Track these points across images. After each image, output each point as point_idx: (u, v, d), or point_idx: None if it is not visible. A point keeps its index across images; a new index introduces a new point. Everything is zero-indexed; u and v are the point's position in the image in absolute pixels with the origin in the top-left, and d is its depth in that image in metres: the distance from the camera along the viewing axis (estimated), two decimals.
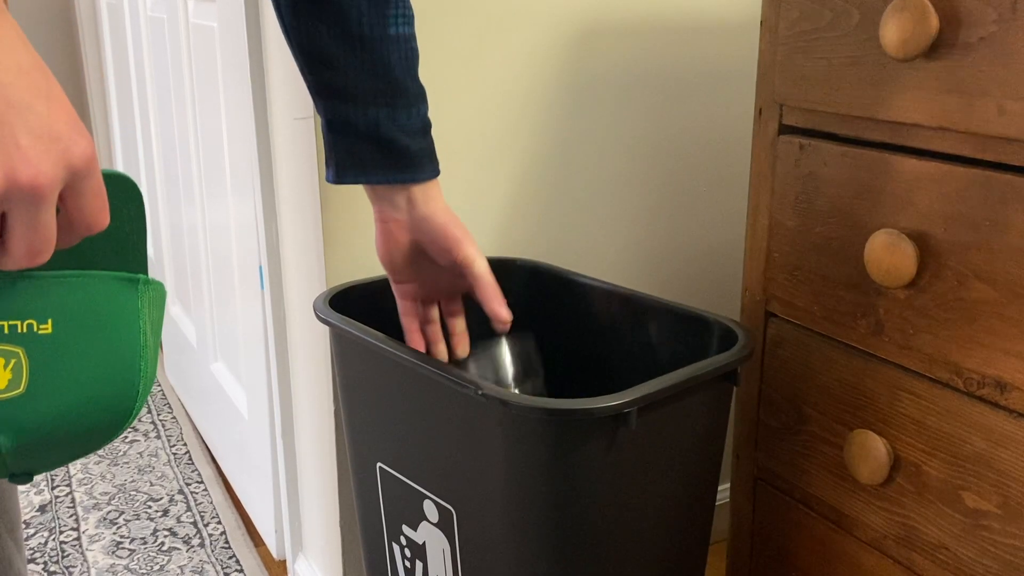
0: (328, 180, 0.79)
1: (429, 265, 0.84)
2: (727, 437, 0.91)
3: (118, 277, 0.49)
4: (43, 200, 0.41)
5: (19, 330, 0.46)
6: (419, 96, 0.77)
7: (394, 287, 0.87)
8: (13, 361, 0.46)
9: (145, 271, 0.51)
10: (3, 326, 0.46)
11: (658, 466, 0.82)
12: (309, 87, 0.76)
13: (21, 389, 0.47)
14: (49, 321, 0.47)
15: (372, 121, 0.75)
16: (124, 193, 0.50)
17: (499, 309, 0.82)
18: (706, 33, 1.27)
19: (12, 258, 0.43)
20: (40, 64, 0.42)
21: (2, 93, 0.40)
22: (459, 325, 0.90)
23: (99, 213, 0.45)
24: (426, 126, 0.79)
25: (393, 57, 0.74)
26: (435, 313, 0.89)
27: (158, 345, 0.52)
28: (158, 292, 0.51)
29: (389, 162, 0.77)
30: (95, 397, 0.49)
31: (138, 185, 0.48)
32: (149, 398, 2.16)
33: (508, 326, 0.83)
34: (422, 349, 0.88)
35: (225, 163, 1.49)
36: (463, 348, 0.90)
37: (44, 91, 0.42)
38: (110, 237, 0.49)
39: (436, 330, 0.89)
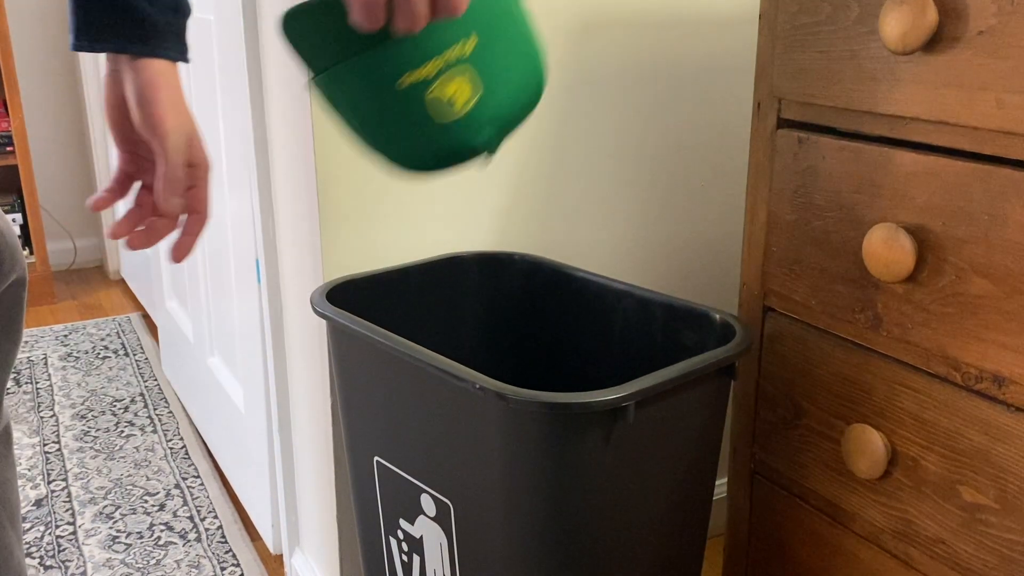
0: (71, 48, 0.75)
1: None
2: (725, 431, 0.91)
3: None
4: None
5: (457, 52, 0.60)
6: None
7: (117, 151, 0.79)
8: (468, 76, 0.61)
9: None
10: (448, 57, 0.60)
11: (655, 460, 0.82)
12: None
13: (482, 91, 0.62)
14: (472, 35, 0.60)
15: None
16: None
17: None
18: (704, 27, 1.26)
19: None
20: None
21: None
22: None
23: None
24: (179, 6, 0.74)
25: None
26: (150, 201, 0.78)
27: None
28: None
29: (126, 29, 0.72)
30: (524, 76, 0.64)
31: None
32: (145, 392, 2.16)
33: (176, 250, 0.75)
34: (96, 211, 0.77)
35: (222, 157, 1.49)
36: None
37: None
38: None
39: (137, 213, 0.77)
